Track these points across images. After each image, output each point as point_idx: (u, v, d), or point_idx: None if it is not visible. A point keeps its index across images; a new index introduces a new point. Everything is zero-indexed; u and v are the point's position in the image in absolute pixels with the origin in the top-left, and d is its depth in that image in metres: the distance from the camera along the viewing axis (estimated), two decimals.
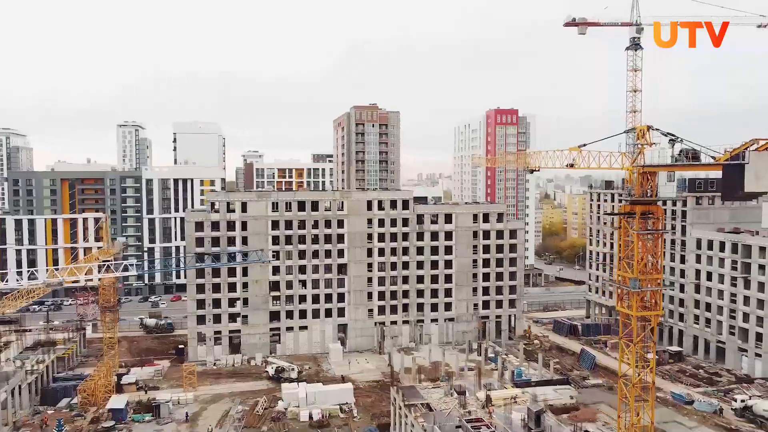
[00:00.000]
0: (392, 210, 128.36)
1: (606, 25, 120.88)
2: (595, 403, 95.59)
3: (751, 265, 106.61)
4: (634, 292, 46.57)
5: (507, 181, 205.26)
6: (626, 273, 47.46)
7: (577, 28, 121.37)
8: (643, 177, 44.37)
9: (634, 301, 46.99)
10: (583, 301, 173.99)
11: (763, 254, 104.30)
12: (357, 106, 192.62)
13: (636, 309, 47.47)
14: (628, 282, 47.22)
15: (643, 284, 46.44)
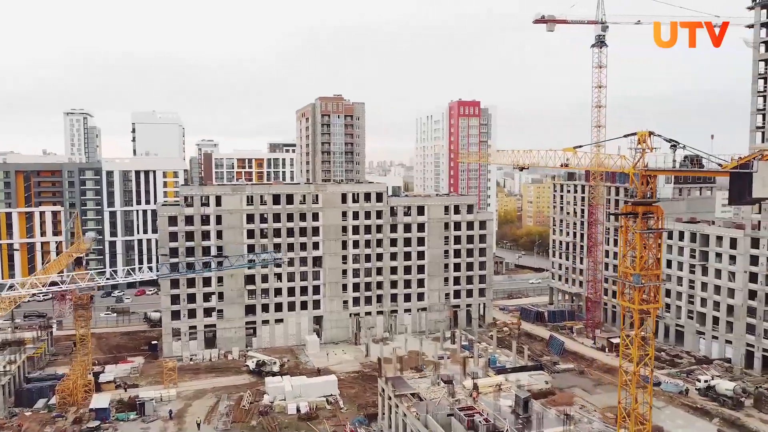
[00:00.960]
0: (366, 202, 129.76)
1: (573, 22, 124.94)
2: (570, 387, 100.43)
3: (708, 253, 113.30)
4: (636, 287, 49.86)
5: (469, 171, 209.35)
6: (628, 269, 50.64)
7: (546, 24, 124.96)
8: (644, 179, 47.51)
9: (636, 295, 50.29)
10: (545, 287, 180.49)
11: (719, 243, 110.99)
12: (322, 97, 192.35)
13: (637, 302, 50.77)
14: (630, 277, 50.41)
15: (644, 279, 49.72)
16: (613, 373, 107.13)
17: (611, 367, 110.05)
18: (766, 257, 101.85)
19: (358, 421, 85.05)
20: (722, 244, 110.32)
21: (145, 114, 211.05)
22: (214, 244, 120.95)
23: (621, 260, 52.87)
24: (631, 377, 53.78)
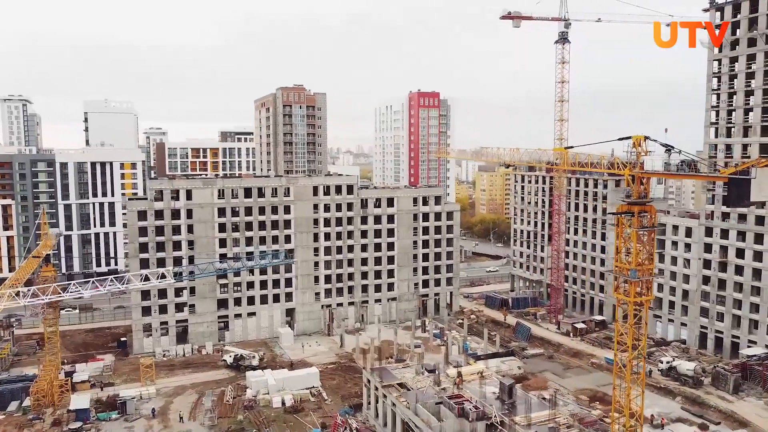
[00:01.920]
0: (337, 195, 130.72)
1: (538, 19, 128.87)
2: (541, 372, 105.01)
3: (665, 241, 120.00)
4: (632, 281, 53.36)
5: (430, 162, 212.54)
6: (623, 264, 54.02)
7: (512, 21, 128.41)
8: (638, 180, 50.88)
9: (632, 288, 53.82)
10: (504, 275, 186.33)
11: (675, 231, 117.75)
12: (284, 87, 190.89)
13: (633, 296, 54.33)
14: (626, 272, 53.84)
15: (639, 274, 53.24)
16: (580, 357, 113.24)
17: (578, 351, 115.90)
18: (719, 245, 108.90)
19: (345, 411, 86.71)
20: (678, 233, 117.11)
21: (97, 103, 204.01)
22: (185, 238, 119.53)
23: (616, 256, 56.15)
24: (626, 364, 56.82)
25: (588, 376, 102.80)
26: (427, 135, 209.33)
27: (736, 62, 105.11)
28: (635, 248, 52.57)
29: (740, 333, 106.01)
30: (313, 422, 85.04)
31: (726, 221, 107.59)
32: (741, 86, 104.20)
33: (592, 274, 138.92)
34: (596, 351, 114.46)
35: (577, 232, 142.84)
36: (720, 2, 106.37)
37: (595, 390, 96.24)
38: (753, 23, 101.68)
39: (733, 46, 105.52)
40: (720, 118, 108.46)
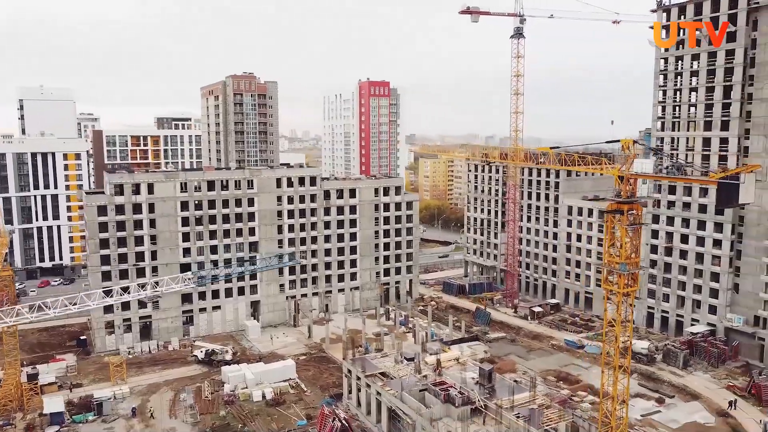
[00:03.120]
0: (301, 187, 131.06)
1: (495, 14, 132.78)
2: (506, 355, 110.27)
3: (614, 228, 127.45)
4: (622, 273, 57.67)
5: (381, 151, 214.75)
6: (613, 258, 58.22)
7: (471, 15, 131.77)
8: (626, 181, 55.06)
9: (621, 281, 58.16)
10: (457, 261, 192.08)
11: None
12: (234, 75, 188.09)
13: (622, 287, 58.72)
14: (616, 266, 58.07)
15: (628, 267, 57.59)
16: (540, 339, 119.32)
17: (537, 333, 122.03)
18: (665, 231, 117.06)
19: (327, 402, 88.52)
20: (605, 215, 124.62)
21: (32, 89, 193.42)
22: (147, 233, 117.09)
23: (606, 250, 60.29)
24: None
25: (550, 358, 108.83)
26: (378, 124, 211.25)
27: (681, 60, 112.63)
28: (624, 244, 56.74)
29: (684, 312, 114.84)
30: (296, 414, 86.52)
31: (671, 209, 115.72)
32: (686, 83, 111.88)
33: (545, 260, 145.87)
34: (554, 333, 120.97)
35: (530, 219, 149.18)
36: (667, 4, 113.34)
37: (559, 370, 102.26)
38: None
39: (678, 46, 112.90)
40: (666, 113, 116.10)
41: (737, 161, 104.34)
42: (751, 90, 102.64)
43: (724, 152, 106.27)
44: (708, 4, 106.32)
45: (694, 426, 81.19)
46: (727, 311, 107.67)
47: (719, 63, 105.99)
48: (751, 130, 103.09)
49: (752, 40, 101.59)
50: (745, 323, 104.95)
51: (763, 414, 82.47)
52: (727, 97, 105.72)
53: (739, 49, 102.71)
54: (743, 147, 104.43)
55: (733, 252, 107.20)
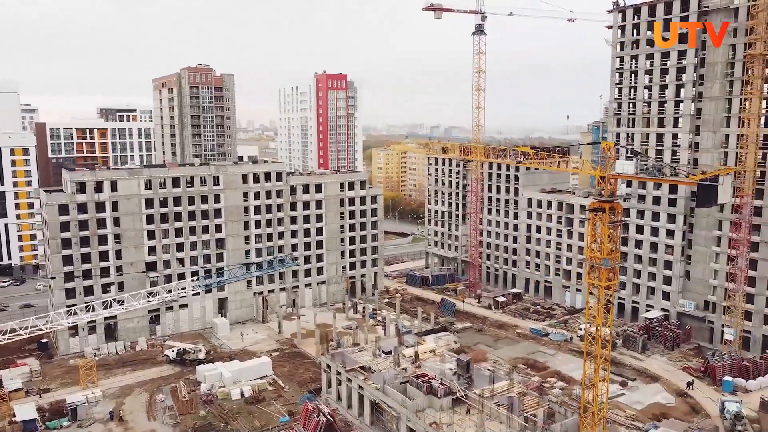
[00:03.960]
0: (267, 182, 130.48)
1: (457, 11, 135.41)
2: (475, 345, 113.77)
3: (573, 219, 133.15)
4: (604, 268, 60.91)
5: (339, 144, 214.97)
6: (596, 254, 61.38)
7: (434, 12, 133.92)
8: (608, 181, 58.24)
9: (604, 274, 61.42)
10: (416, 252, 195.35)
11: (582, 210, 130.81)
12: (190, 67, 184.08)
13: (604, 280, 62.00)
14: (599, 260, 61.22)
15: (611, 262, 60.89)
16: (506, 328, 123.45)
17: (503, 323, 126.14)
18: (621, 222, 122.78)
19: (307, 397, 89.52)
20: (584, 212, 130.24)
21: None
22: (111, 232, 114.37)
23: (587, 246, 63.46)
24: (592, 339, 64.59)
25: (517, 346, 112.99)
26: (335, 117, 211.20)
27: (636, 60, 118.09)
28: (606, 240, 59.99)
29: (639, 299, 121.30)
30: (277, 411, 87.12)
31: (627, 201, 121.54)
32: (641, 82, 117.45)
33: (506, 251, 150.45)
34: (519, 322, 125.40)
35: (491, 212, 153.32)
36: (622, 5, 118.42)
37: (527, 358, 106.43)
38: (651, 26, 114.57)
39: (633, 45, 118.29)
40: (622, 110, 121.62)
41: (688, 156, 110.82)
42: (701, 89, 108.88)
43: (676, 147, 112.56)
44: (661, 6, 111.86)
45: (657, 406, 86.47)
46: (680, 297, 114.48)
47: (672, 63, 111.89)
48: (701, 127, 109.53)
49: (702, 41, 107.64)
50: (696, 308, 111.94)
51: (717, 393, 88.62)
52: (679, 96, 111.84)
53: (691, 50, 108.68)
54: (694, 143, 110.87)
55: (685, 241, 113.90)
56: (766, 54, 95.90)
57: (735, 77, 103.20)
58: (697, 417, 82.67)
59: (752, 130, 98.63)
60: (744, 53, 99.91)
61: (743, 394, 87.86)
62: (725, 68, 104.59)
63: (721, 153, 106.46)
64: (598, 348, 62.99)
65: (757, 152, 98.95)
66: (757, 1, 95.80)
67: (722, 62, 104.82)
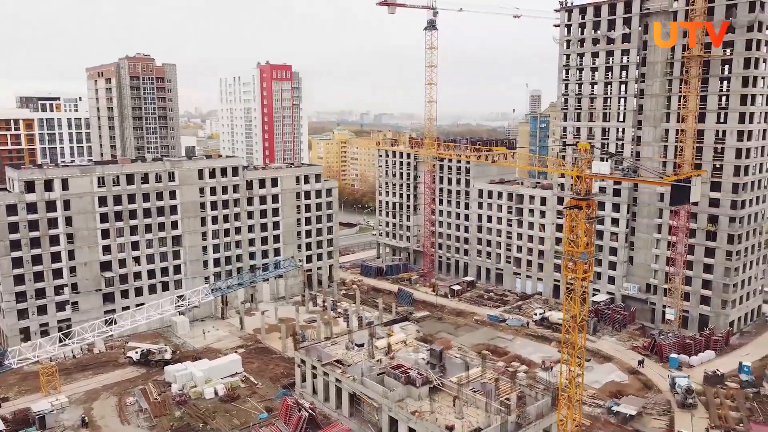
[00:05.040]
0: (223, 177, 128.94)
1: (410, 6, 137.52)
2: (437, 333, 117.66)
3: (522, 209, 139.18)
4: (581, 262, 65.04)
5: (284, 135, 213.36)
6: (573, 249, 65.36)
7: (388, 7, 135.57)
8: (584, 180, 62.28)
9: (580, 267, 65.58)
10: (365, 243, 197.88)
11: (532, 200, 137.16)
12: (130, 57, 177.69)
13: (581, 273, 66.19)
14: (577, 255, 65.27)
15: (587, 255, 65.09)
16: (464, 316, 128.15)
17: (460, 310, 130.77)
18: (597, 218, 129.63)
19: (283, 393, 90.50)
20: (534, 202, 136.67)
21: None
22: (63, 232, 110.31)
23: (565, 242, 67.42)
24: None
25: (477, 332, 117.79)
26: (281, 108, 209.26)
27: (582, 57, 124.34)
28: (582, 235, 64.14)
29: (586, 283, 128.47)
30: (254, 408, 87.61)
31: None
32: (587, 78, 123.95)
33: (457, 240, 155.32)
34: (476, 309, 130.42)
35: (442, 202, 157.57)
36: (569, 5, 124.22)
37: (487, 344, 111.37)
38: (596, 25, 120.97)
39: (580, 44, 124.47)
40: (569, 105, 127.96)
41: (632, 149, 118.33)
42: (643, 86, 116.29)
43: (620, 141, 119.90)
44: (606, 8, 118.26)
45: (613, 384, 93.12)
46: (624, 281, 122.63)
47: (616, 61, 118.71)
48: (643, 122, 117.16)
49: (644, 42, 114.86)
50: (639, 291, 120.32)
51: (665, 369, 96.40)
52: (623, 93, 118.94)
53: (633, 49, 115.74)
54: (636, 137, 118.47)
55: (628, 229, 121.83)
56: (704, 55, 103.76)
57: (674, 76, 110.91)
58: (650, 392, 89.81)
59: (690, 125, 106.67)
60: (682, 54, 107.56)
61: (687, 369, 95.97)
62: (665, 67, 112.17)
63: (662, 147, 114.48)
64: (575, 336, 67.22)
65: (694, 146, 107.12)
66: (695, 6, 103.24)
67: (662, 62, 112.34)
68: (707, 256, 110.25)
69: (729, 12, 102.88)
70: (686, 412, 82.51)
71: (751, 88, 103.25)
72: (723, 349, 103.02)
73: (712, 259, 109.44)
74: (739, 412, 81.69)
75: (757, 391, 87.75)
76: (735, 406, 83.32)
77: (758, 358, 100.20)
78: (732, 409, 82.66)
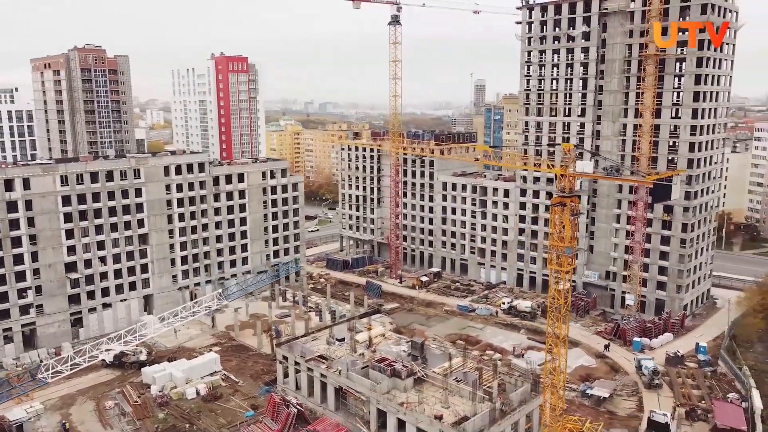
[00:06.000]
0: (189, 174, 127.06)
1: (374, 1, 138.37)
2: (410, 324, 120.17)
3: (486, 201, 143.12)
4: (566, 256, 68.28)
5: (241, 128, 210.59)
6: (559, 243, 68.49)
7: (353, 2, 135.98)
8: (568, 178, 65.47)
9: (565, 261, 68.83)
10: (327, 235, 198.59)
11: (495, 193, 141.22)
12: (80, 48, 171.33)
13: (566, 266, 69.49)
14: (562, 249, 68.42)
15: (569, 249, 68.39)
16: (434, 306, 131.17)
17: (430, 301, 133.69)
18: (531, 203, 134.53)
19: (266, 390, 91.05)
20: (498, 194, 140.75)
21: None
22: (26, 233, 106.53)
23: (551, 236, 70.49)
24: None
25: (448, 322, 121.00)
26: (237, 101, 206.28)
27: (544, 54, 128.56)
28: (568, 231, 67.45)
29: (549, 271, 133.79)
30: (239, 406, 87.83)
31: (536, 183, 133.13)
32: (548, 74, 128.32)
33: (422, 232, 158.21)
34: (444, 300, 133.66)
35: (407, 195, 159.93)
36: (531, 3, 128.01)
37: (460, 333, 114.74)
38: (557, 23, 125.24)
39: (541, 41, 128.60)
40: (531, 100, 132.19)
41: (592, 143, 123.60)
42: (602, 83, 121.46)
43: (581, 135, 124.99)
44: (566, 6, 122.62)
45: (583, 368, 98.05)
46: (585, 269, 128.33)
47: (576, 58, 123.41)
48: (602, 117, 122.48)
49: (602, 40, 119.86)
50: (599, 278, 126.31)
51: (629, 352, 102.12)
52: (583, 88, 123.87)
53: (593, 47, 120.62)
54: (596, 131, 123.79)
55: (589, 219, 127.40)
56: (660, 54, 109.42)
57: (631, 73, 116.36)
58: (618, 375, 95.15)
59: (647, 120, 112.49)
60: (639, 53, 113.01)
61: (649, 351, 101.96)
62: (622, 65, 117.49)
63: (620, 141, 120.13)
64: (560, 326, 70.63)
65: (651, 140, 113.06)
66: (651, 6, 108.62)
67: (620, 59, 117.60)
68: (663, 244, 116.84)
69: (683, 13, 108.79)
70: (653, 392, 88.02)
71: (703, 85, 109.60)
72: (679, 332, 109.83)
73: (668, 247, 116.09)
74: (700, 390, 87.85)
75: (714, 370, 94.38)
76: (696, 384, 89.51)
77: (711, 339, 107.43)
78: (693, 387, 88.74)
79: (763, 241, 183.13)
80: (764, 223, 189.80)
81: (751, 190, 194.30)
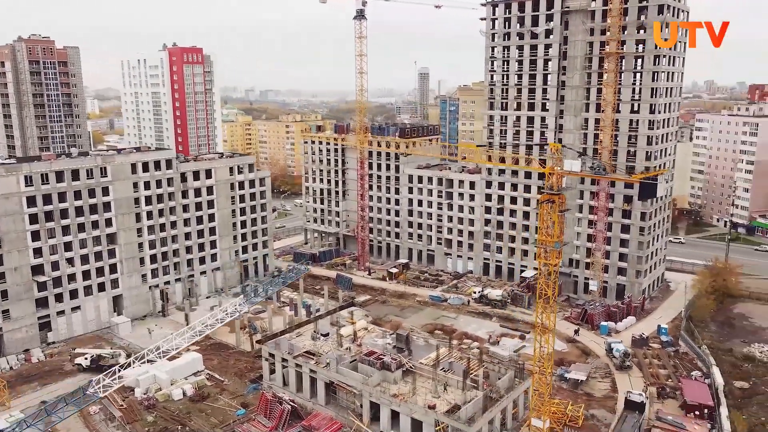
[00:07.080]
0: (157, 171, 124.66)
1: None
2: (385, 316, 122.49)
3: (453, 193, 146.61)
4: (554, 250, 71.59)
5: (198, 121, 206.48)
6: (548, 238, 71.73)
7: None
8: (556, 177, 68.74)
9: (553, 255, 72.16)
10: (290, 229, 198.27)
11: (461, 185, 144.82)
12: (27, 39, 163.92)
13: (553, 260, 72.85)
14: (551, 244, 71.69)
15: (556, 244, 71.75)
16: (406, 297, 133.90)
17: (401, 292, 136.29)
18: (497, 194, 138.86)
19: (254, 387, 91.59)
20: (464, 186, 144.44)
21: None
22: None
23: (540, 231, 73.66)
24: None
25: (422, 313, 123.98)
26: (192, 93, 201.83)
27: (508, 50, 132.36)
28: (557, 226, 70.85)
29: (515, 260, 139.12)
30: (228, 405, 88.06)
31: (502, 176, 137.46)
32: (513, 70, 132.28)
33: (388, 224, 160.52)
34: (416, 290, 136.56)
35: (372, 188, 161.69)
36: (495, 1, 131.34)
37: (435, 323, 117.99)
38: (521, 20, 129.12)
39: (505, 37, 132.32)
40: (495, 95, 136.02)
41: (555, 136, 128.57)
42: (564, 78, 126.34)
43: (544, 129, 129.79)
44: (530, 4, 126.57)
45: (555, 353, 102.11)
46: None
47: (540, 54, 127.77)
48: (565, 112, 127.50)
49: (565, 37, 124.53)
50: (564, 265, 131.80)
51: (597, 336, 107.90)
52: (546, 84, 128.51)
53: (555, 44, 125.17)
54: (559, 125, 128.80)
55: None
56: (620, 52, 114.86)
57: (592, 70, 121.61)
58: (590, 358, 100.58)
59: (608, 115, 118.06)
60: (600, 50, 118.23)
61: (615, 334, 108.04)
62: (584, 62, 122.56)
63: (582, 134, 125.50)
64: (548, 317, 74.26)
65: (612, 134, 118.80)
66: (611, 6, 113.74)
67: (581, 56, 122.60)
68: (623, 232, 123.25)
69: (641, 12, 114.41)
70: (624, 374, 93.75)
71: (659, 82, 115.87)
72: (641, 315, 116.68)
73: (628, 235, 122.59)
74: (666, 369, 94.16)
75: (676, 350, 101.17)
76: (662, 364, 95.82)
77: (670, 320, 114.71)
78: (660, 367, 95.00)
79: (705, 225, 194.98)
80: (704, 209, 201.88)
81: (693, 177, 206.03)
